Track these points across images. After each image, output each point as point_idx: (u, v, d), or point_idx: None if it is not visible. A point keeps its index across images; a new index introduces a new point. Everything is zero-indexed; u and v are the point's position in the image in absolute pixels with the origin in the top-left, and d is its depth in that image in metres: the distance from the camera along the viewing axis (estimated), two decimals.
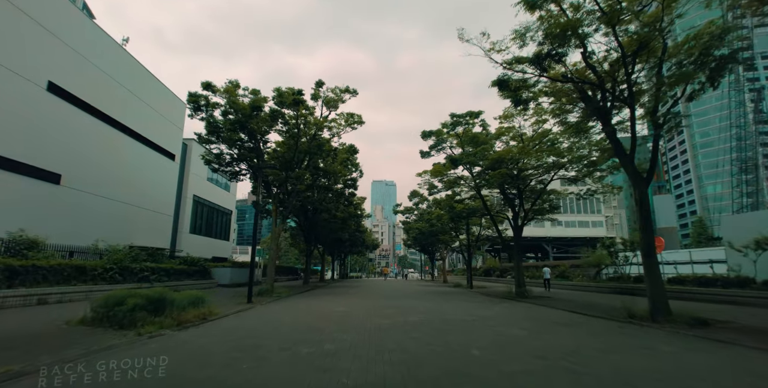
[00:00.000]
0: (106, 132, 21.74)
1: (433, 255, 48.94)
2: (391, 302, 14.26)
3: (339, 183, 26.87)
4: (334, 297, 17.46)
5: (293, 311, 11.01)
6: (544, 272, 23.55)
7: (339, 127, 20.55)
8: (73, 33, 19.37)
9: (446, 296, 18.41)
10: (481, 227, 29.34)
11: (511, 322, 9.12)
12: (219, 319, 9.82)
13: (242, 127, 19.29)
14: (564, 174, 19.38)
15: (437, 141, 20.05)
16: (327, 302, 14.24)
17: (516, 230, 19.57)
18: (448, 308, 12.30)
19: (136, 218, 24.38)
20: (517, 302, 15.47)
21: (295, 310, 11.44)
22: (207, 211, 37.33)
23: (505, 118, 17.58)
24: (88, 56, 20.16)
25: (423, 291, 23.06)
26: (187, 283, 20.90)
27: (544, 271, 23.56)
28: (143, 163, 25.33)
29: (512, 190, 19.64)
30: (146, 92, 25.58)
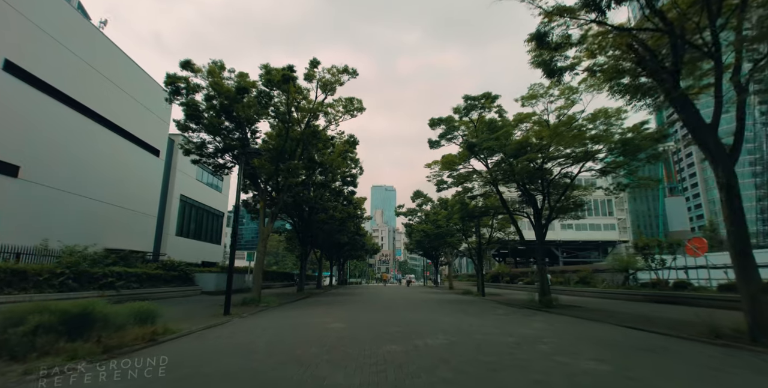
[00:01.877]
0: (79, 122, 19.34)
1: (437, 260, 46.32)
2: (399, 315, 11.76)
3: (337, 179, 24.44)
4: (330, 308, 14.95)
5: (276, 329, 8.53)
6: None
7: (336, 114, 18.20)
8: (38, 9, 17.08)
9: (461, 306, 15.89)
10: (492, 229, 26.86)
11: (569, 346, 6.65)
12: (173, 340, 7.36)
13: (227, 113, 16.95)
14: (591, 166, 17.05)
15: (447, 129, 17.68)
16: (321, 315, 11.73)
17: (538, 230, 17.14)
18: (473, 323, 9.80)
19: (114, 217, 21.91)
20: (549, 313, 12.97)
21: (280, 326, 8.95)
22: (196, 212, 34.83)
23: (529, 100, 15.22)
24: (56, 36, 17.83)
25: (431, 299, 20.51)
26: (164, 290, 18.38)
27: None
28: (123, 159, 22.92)
29: (534, 184, 17.26)
30: (127, 81, 23.26)
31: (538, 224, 17.22)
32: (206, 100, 16.92)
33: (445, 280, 58.68)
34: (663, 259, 17.78)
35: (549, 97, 15.20)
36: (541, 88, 14.13)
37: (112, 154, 21.89)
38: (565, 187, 16.74)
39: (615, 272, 21.73)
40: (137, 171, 24.57)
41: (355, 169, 25.67)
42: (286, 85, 15.26)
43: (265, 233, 17.04)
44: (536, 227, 17.24)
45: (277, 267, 63.71)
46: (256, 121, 18.34)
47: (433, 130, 18.71)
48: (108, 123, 21.63)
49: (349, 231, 31.49)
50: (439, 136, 17.76)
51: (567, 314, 12.39)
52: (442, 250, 40.54)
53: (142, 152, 25.57)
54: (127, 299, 15.70)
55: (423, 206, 38.12)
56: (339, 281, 57.71)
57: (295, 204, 24.18)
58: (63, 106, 18.24)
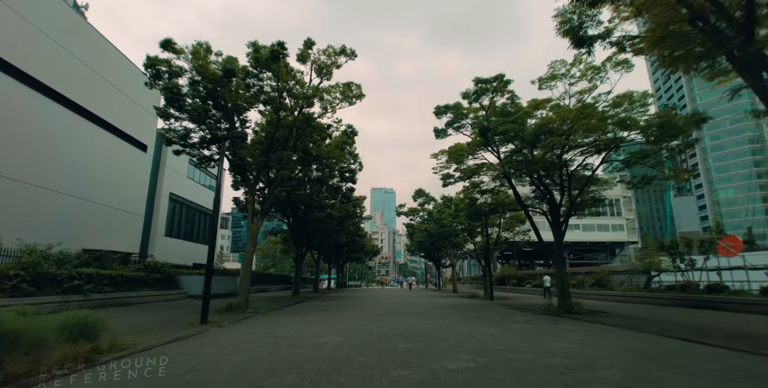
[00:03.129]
0: (57, 112, 17.73)
1: (439, 261, 44.58)
2: (405, 324, 10.07)
3: (335, 174, 22.78)
4: (326, 314, 13.26)
5: (254, 345, 6.85)
6: (544, 280, 23.00)
7: (333, 100, 16.59)
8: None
9: (473, 312, 14.21)
10: (500, 228, 25.20)
11: (637, 369, 4.99)
12: (118, 359, 5.70)
13: (213, 99, 15.36)
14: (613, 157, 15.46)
15: (455, 116, 16.06)
16: (314, 324, 10.05)
17: (556, 228, 15.51)
18: (495, 334, 8.12)
19: (96, 216, 20.28)
20: (575, 320, 11.29)
21: (260, 340, 7.27)
22: (187, 212, 33.16)
23: (548, 82, 13.63)
24: (31, 19, 16.22)
25: (437, 304, 18.82)
26: (143, 294, 16.71)
27: (545, 279, 23.02)
28: (106, 153, 21.32)
29: (551, 178, 15.64)
30: (112, 72, 21.66)
31: (555, 221, 15.59)
32: (191, 86, 15.32)
33: (446, 283, 56.90)
34: (693, 259, 16.12)
35: (569, 78, 13.61)
36: (562, 66, 12.52)
37: (94, 148, 20.29)
38: (586, 180, 15.13)
39: (635, 273, 20.07)
40: (122, 167, 22.96)
41: (354, 165, 24.03)
42: (276, 64, 13.65)
43: (254, 231, 15.38)
44: (553, 224, 15.61)
45: (274, 270, 61.95)
46: (246, 110, 16.76)
47: (438, 119, 17.12)
48: (90, 115, 20.04)
49: (348, 231, 29.78)
50: (446, 124, 16.13)
51: (597, 322, 10.72)
52: (444, 251, 38.83)
53: (128, 147, 23.98)
54: (97, 305, 14.10)
55: (425, 205, 36.47)
56: (338, 283, 55.96)
57: (289, 201, 22.52)
58: (38, 94, 16.62)
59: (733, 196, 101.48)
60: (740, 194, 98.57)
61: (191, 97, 15.44)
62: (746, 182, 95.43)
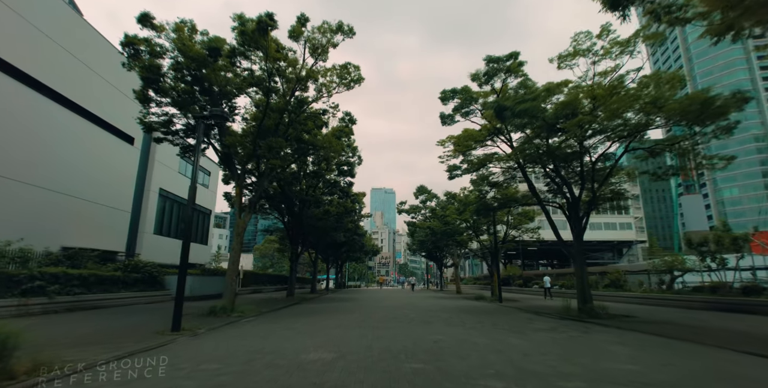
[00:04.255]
0: (33, 100, 16.28)
1: (441, 261, 43.06)
2: (412, 333, 8.58)
3: (332, 168, 21.29)
4: (319, 320, 11.78)
5: (224, 363, 5.39)
6: (544, 280, 23.11)
7: (330, 84, 15.12)
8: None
9: (485, 317, 12.73)
10: (507, 226, 23.72)
11: None
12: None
13: (198, 82, 13.92)
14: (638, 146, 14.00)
15: (463, 101, 14.58)
16: (304, 333, 8.57)
17: (575, 223, 14.06)
18: (523, 348, 6.62)
19: (76, 212, 18.86)
20: (606, 327, 9.80)
21: (234, 356, 5.81)
22: (179, 209, 31.62)
23: (568, 60, 12.16)
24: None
25: (443, 307, 17.34)
26: (122, 296, 15.24)
27: (545, 279, 23.14)
28: (88, 145, 19.90)
29: (570, 168, 14.21)
30: (95, 57, 20.19)
31: (574, 216, 14.13)
32: (174, 69, 13.86)
33: (449, 283, 55.40)
34: (724, 258, 14.64)
35: (592, 55, 12.13)
36: (587, 39, 11.04)
37: (75, 139, 18.87)
38: (609, 168, 13.67)
39: (656, 273, 18.60)
40: (107, 160, 21.53)
41: (353, 158, 22.58)
42: (264, 38, 12.19)
43: (242, 227, 13.91)
44: (572, 220, 14.16)
45: (273, 270, 60.43)
46: (234, 96, 15.34)
47: (444, 105, 15.63)
48: (70, 103, 18.60)
49: (347, 229, 28.28)
50: (454, 110, 14.65)
51: (631, 329, 9.25)
52: (447, 250, 37.35)
53: (114, 139, 22.53)
54: (64, 309, 12.66)
55: (427, 203, 34.98)
56: (337, 284, 54.49)
57: (284, 197, 21.03)
58: (6, 77, 15.13)
59: (737, 195, 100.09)
60: (745, 193, 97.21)
61: (174, 81, 14.00)
62: (751, 181, 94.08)
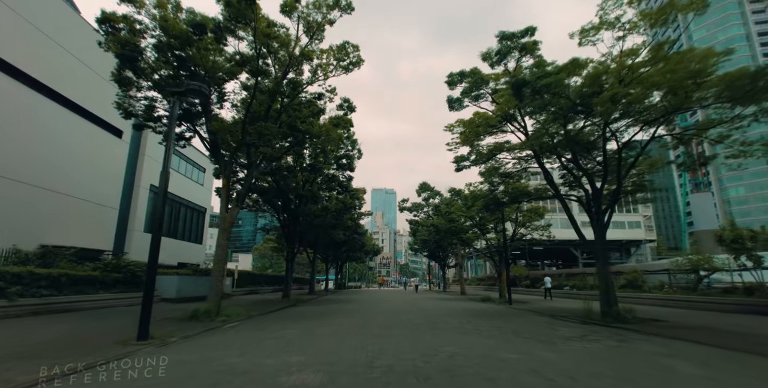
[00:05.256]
0: (6, 87, 15.04)
1: (444, 261, 41.70)
2: (419, 344, 7.24)
3: (330, 161, 19.95)
4: (313, 325, 10.46)
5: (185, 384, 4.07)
6: (545, 281, 23.07)
7: (327, 66, 13.82)
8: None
9: (500, 322, 11.40)
10: (516, 223, 22.39)
11: None
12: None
13: (183, 66, 12.65)
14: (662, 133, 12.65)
15: (473, 83, 13.26)
16: (292, 343, 7.24)
17: (598, 217, 12.73)
18: (566, 367, 5.25)
19: (59, 208, 17.67)
20: (644, 334, 8.47)
21: (195, 378, 4.48)
22: (171, 206, 30.33)
23: (590, 35, 10.79)
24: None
25: (450, 310, 16.02)
26: (101, 298, 13.92)
27: (546, 280, 23.10)
28: (72, 137, 18.74)
29: (590, 156, 12.89)
30: (79, 46, 18.92)
31: (597, 210, 12.80)
32: (158, 52, 12.58)
33: (451, 284, 54.06)
34: (760, 256, 13.28)
35: (618, 29, 10.79)
36: (615, 6, 9.69)
37: (58, 131, 17.77)
38: (634, 158, 12.34)
39: (679, 273, 17.25)
40: (93, 154, 20.30)
41: (353, 151, 21.26)
42: (252, 9, 10.90)
43: (228, 222, 12.60)
44: (595, 214, 12.82)
45: (272, 271, 59.11)
46: (223, 81, 14.05)
47: (451, 89, 14.33)
48: (52, 93, 17.38)
49: (346, 226, 26.94)
50: (462, 93, 13.33)
51: (676, 337, 7.91)
52: (451, 250, 35.98)
53: (100, 132, 21.30)
54: (28, 312, 11.37)
55: (430, 200, 33.67)
56: (337, 284, 53.18)
57: (279, 192, 19.71)
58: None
59: (743, 194, 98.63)
60: (751, 192, 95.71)
61: (156, 63, 12.71)
62: (758, 180, 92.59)
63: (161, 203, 8.20)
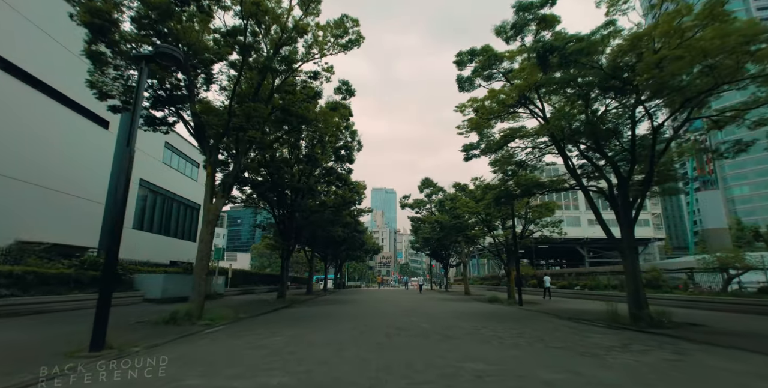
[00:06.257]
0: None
1: (447, 260, 40.40)
2: (433, 360, 5.92)
3: (328, 153, 18.63)
4: (306, 331, 9.16)
5: None
6: (544, 280, 23.18)
7: (323, 42, 12.51)
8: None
9: (522, 328, 10.10)
10: (525, 219, 21.09)
11: None
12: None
13: (162, 40, 11.33)
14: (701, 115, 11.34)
15: (485, 61, 11.95)
16: (276, 356, 5.95)
17: (625, 210, 11.43)
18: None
19: (35, 202, 16.38)
20: (696, 344, 7.17)
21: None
22: (163, 202, 29.04)
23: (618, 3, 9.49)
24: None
25: (459, 313, 14.72)
26: (75, 298, 12.60)
27: (545, 279, 23.20)
28: (54, 126, 17.54)
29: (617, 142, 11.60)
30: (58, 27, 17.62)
31: (623, 201, 11.49)
32: (138, 28, 11.28)
33: (452, 283, 52.77)
34: None
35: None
36: None
37: (36, 118, 16.47)
38: (666, 143, 11.05)
39: (704, 271, 15.97)
40: (77, 145, 19.08)
41: (352, 142, 19.94)
42: None
43: (213, 214, 11.31)
44: (622, 206, 11.52)
45: (270, 270, 57.83)
46: (211, 63, 12.72)
47: (460, 70, 13.01)
48: (26, 76, 16.10)
49: (345, 223, 25.64)
50: (474, 72, 12.02)
51: (733, 346, 6.63)
52: (454, 248, 34.67)
53: (85, 122, 20.05)
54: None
55: (433, 196, 32.37)
56: (336, 284, 51.91)
57: (273, 185, 18.40)
58: None
59: (748, 193, 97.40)
60: (756, 191, 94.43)
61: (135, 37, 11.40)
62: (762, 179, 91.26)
63: (123, 188, 6.93)
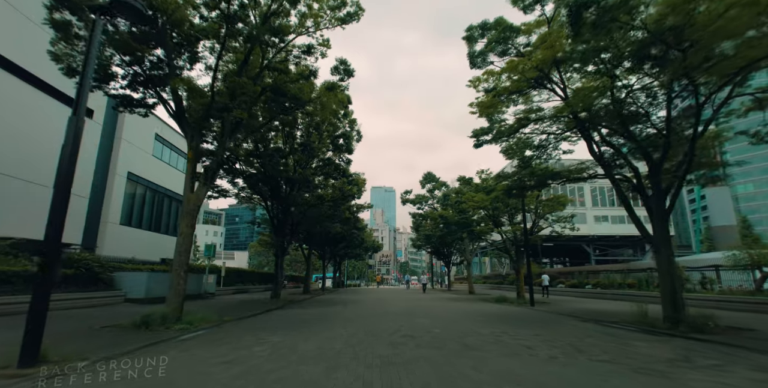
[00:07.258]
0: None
1: (449, 258, 39.15)
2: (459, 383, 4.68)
3: (326, 142, 17.31)
4: (296, 339, 7.87)
5: None
6: (543, 278, 23.11)
7: (318, 14, 11.19)
8: None
9: (551, 334, 8.84)
10: (536, 214, 19.82)
11: None
12: None
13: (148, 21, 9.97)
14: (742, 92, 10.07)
15: (499, 35, 10.65)
16: (252, 374, 4.68)
17: (658, 200, 10.18)
18: None
19: (16, 195, 15.12)
20: None
21: None
22: (153, 197, 27.70)
23: None
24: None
25: (467, 313, 13.46)
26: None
27: (543, 277, 23.14)
28: (34, 115, 16.24)
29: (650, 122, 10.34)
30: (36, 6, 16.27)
31: (656, 190, 10.24)
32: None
33: (453, 282, 51.59)
34: None
35: None
36: None
37: (16, 108, 15.21)
38: (707, 122, 9.77)
39: (732, 269, 14.74)
40: (58, 135, 17.62)
41: (352, 132, 18.63)
42: None
43: (194, 204, 10.03)
44: (654, 196, 10.26)
45: (268, 268, 56.57)
46: (196, 40, 11.39)
47: (470, 46, 11.71)
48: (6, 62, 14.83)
49: (344, 218, 24.35)
50: (487, 45, 10.72)
51: None
52: (456, 245, 33.39)
53: (65, 110, 18.65)
54: None
55: (435, 191, 31.10)
56: (335, 283, 50.66)
57: (265, 176, 17.08)
58: None
59: (752, 191, 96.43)
60: (760, 189, 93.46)
61: None
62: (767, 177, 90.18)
63: (64, 167, 5.62)
